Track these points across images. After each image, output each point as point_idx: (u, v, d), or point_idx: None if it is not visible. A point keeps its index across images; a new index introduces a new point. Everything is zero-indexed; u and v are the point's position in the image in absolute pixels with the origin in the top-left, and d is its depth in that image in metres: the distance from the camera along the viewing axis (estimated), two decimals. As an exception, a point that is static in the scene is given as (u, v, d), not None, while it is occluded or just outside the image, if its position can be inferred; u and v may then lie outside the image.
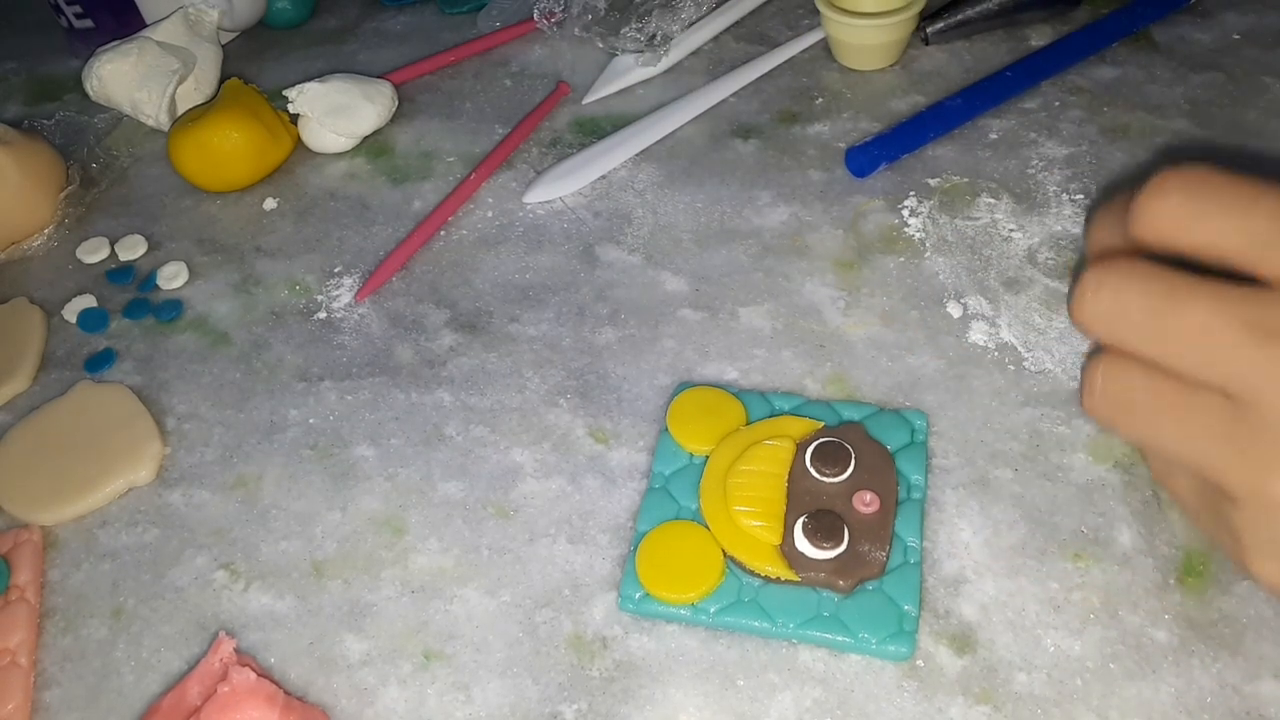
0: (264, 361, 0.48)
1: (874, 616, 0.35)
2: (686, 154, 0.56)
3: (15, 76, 0.70)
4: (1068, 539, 0.37)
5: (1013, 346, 0.44)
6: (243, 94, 0.57)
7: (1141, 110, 0.54)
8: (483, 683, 0.36)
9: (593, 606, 0.38)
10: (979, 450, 0.41)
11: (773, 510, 0.38)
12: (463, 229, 0.53)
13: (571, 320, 0.48)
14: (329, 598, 0.39)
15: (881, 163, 0.52)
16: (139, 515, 0.43)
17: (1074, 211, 0.49)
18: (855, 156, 0.52)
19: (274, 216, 0.56)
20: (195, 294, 0.52)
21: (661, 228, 0.52)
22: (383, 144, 0.59)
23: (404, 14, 0.69)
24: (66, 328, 0.52)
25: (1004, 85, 0.55)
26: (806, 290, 0.48)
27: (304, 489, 0.43)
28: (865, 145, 0.52)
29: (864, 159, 0.51)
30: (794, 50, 0.60)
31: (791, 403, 0.42)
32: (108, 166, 0.61)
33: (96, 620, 0.40)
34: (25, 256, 0.56)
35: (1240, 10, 0.59)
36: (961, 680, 0.35)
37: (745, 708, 0.35)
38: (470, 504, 0.42)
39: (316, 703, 0.36)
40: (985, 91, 0.54)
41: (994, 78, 0.55)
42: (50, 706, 0.38)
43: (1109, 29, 0.57)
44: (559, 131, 0.58)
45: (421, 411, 0.45)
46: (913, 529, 0.38)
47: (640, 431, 0.43)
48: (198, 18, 0.64)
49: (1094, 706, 0.33)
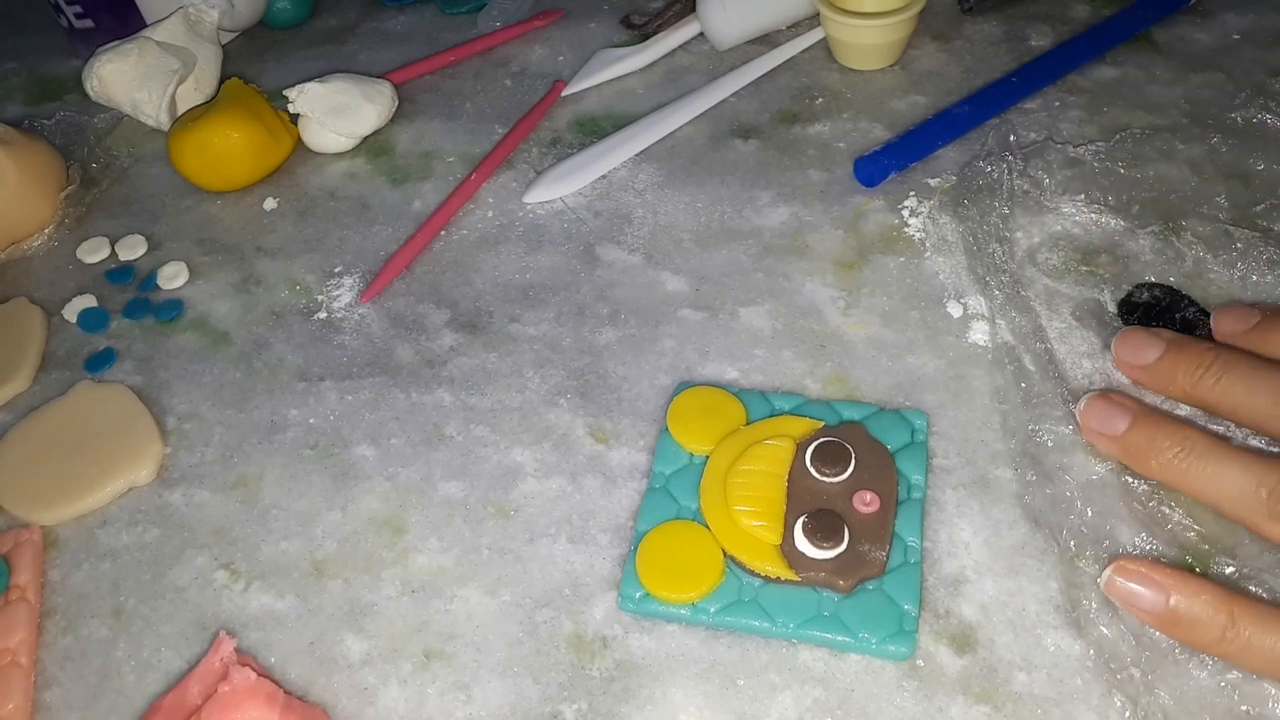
0: (264, 361, 0.48)
1: (874, 616, 0.35)
2: (686, 154, 0.56)
3: (15, 76, 0.70)
4: (1068, 539, 0.37)
5: (1013, 346, 0.44)
6: (243, 94, 0.57)
7: (1141, 110, 0.54)
8: (483, 682, 0.36)
9: (593, 606, 0.38)
10: (979, 450, 0.41)
11: (773, 510, 0.38)
12: (463, 229, 0.53)
13: (572, 320, 0.48)
14: (329, 597, 0.39)
15: (891, 172, 0.51)
16: (139, 515, 0.43)
17: (1074, 211, 0.49)
18: (864, 166, 0.51)
19: (274, 216, 0.56)
20: (195, 294, 0.52)
21: (662, 228, 0.52)
22: (383, 144, 0.59)
23: (404, 14, 0.69)
24: (67, 328, 0.52)
25: (1010, 91, 0.55)
26: (807, 290, 0.48)
27: (304, 489, 0.43)
28: (874, 155, 0.52)
29: (873, 168, 0.51)
30: (794, 50, 0.60)
31: (791, 402, 0.42)
32: (108, 166, 0.61)
33: (97, 620, 0.40)
34: (25, 256, 0.56)
35: (1240, 10, 0.59)
36: (961, 680, 0.35)
37: (745, 708, 0.35)
38: (470, 504, 0.42)
39: (317, 702, 0.36)
40: (991, 98, 0.54)
41: (999, 83, 0.55)
42: (51, 706, 0.38)
43: (1113, 31, 0.57)
44: (559, 131, 0.58)
45: (422, 411, 0.45)
46: (913, 529, 0.38)
47: (640, 431, 0.43)
48: (198, 18, 0.64)
49: (1094, 706, 0.33)
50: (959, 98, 0.55)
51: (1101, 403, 0.39)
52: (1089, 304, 0.45)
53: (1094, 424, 0.39)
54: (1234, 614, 0.32)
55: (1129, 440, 0.37)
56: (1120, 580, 0.34)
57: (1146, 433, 0.37)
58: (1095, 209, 0.49)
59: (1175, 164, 0.50)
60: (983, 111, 0.54)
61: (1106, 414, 0.38)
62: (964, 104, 0.54)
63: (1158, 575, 0.34)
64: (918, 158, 0.52)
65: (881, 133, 0.54)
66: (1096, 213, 0.49)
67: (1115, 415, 0.38)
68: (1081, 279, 0.46)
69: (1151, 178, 0.50)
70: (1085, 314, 0.45)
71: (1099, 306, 0.45)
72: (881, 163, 0.51)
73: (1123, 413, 0.38)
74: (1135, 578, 0.34)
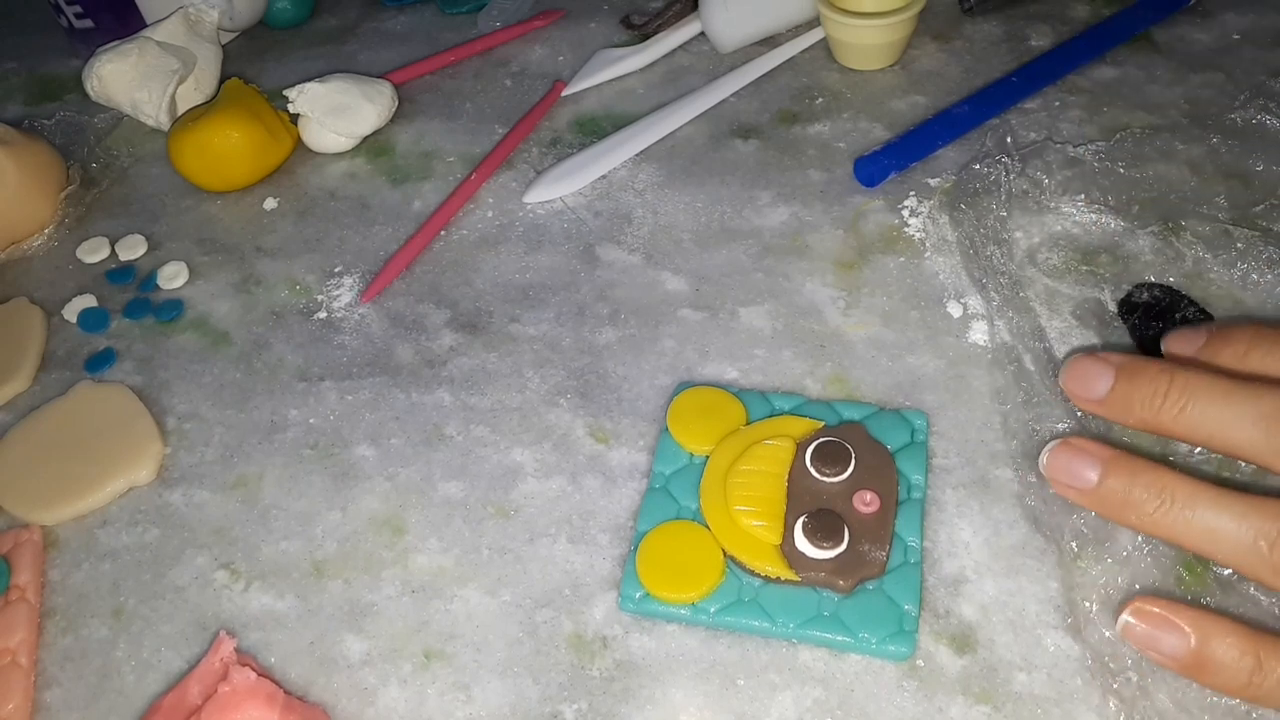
0: (264, 361, 0.48)
1: (874, 616, 0.35)
2: (686, 154, 0.56)
3: (15, 76, 0.70)
4: (1068, 539, 0.37)
5: (1012, 346, 0.44)
6: (243, 94, 0.57)
7: (1141, 110, 0.54)
8: (483, 682, 0.36)
9: (593, 606, 0.38)
10: (979, 450, 0.41)
11: (773, 510, 0.38)
12: (463, 229, 0.53)
13: (572, 320, 0.48)
14: (329, 597, 0.39)
15: (891, 172, 0.51)
16: (139, 515, 0.43)
17: (1074, 211, 0.49)
18: (864, 166, 0.51)
19: (274, 216, 0.56)
20: (195, 294, 0.52)
21: (662, 228, 0.52)
22: (383, 144, 0.59)
23: (404, 14, 0.69)
24: (67, 328, 0.52)
25: (1010, 91, 0.55)
26: (806, 290, 0.48)
27: (304, 489, 0.43)
28: (874, 155, 0.52)
29: (873, 168, 0.51)
30: (794, 50, 0.60)
31: (791, 402, 0.42)
32: (108, 166, 0.61)
33: (97, 620, 0.40)
34: (25, 256, 0.56)
35: (1240, 10, 0.59)
36: (961, 680, 0.35)
37: (745, 708, 0.35)
38: (470, 504, 0.42)
39: (317, 702, 0.36)
40: (991, 98, 0.54)
41: (1000, 83, 0.55)
42: (51, 706, 0.38)
43: (1113, 31, 0.57)
44: (559, 131, 0.58)
45: (422, 411, 0.45)
46: (913, 529, 0.38)
47: (640, 431, 0.43)
48: (198, 18, 0.64)
49: (1094, 706, 0.33)
50: (959, 98, 0.55)
51: (1066, 453, 0.34)
52: (1089, 304, 0.45)
53: (1061, 477, 0.35)
54: (1260, 655, 0.30)
55: (1102, 494, 0.34)
56: (1138, 624, 0.32)
57: (1120, 483, 0.33)
58: (1095, 209, 0.49)
59: (1175, 164, 0.50)
60: (983, 111, 0.54)
61: (1073, 466, 0.34)
62: (964, 104, 0.54)
63: (1178, 617, 0.31)
64: (918, 158, 0.52)
65: (881, 133, 0.54)
66: (1096, 213, 0.49)
67: (1082, 466, 0.34)
68: (1081, 279, 0.46)
69: (1151, 178, 0.50)
70: (1085, 314, 0.45)
71: (1099, 306, 0.45)
72: (881, 163, 0.51)
73: (1091, 462, 0.34)
74: (1154, 621, 0.32)
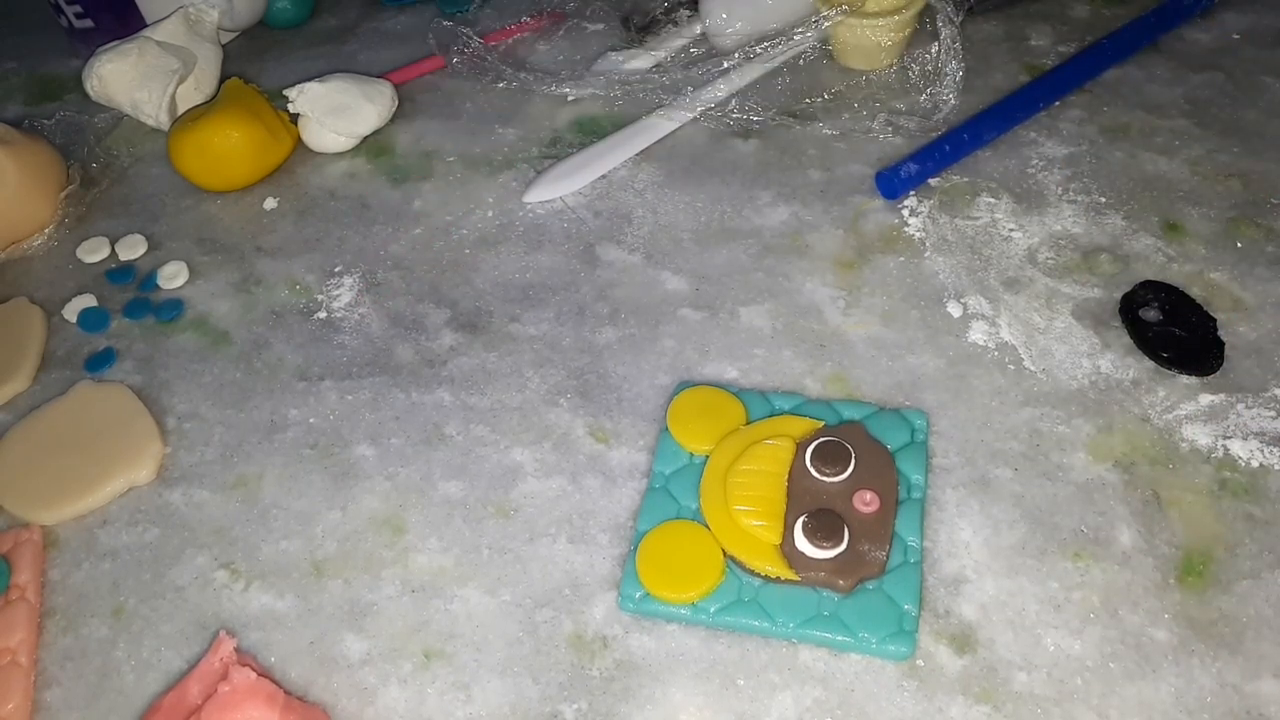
0: (264, 361, 0.48)
1: (874, 616, 0.35)
2: (686, 154, 0.56)
3: (15, 76, 0.70)
4: (1068, 539, 0.38)
5: (1012, 346, 0.44)
6: (243, 94, 0.57)
7: (1141, 110, 0.54)
8: (483, 682, 0.36)
9: (593, 606, 0.38)
10: (979, 450, 0.41)
11: (773, 510, 0.38)
12: (463, 229, 0.53)
13: (572, 320, 0.48)
14: (329, 597, 0.39)
15: (911, 186, 0.51)
16: (139, 515, 0.43)
17: (1074, 211, 0.49)
18: (886, 180, 0.51)
19: (274, 216, 0.56)
20: (195, 293, 0.52)
21: (662, 227, 0.52)
22: (383, 144, 0.59)
23: (404, 14, 0.69)
24: (67, 327, 0.52)
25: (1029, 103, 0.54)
26: (806, 290, 0.48)
27: (304, 488, 0.43)
28: (896, 168, 0.51)
29: (895, 182, 0.51)
30: (794, 50, 0.60)
31: (791, 402, 0.42)
32: (108, 166, 0.61)
33: (97, 620, 0.40)
34: (25, 256, 0.56)
35: (1240, 10, 0.59)
36: (961, 680, 0.35)
37: (745, 707, 0.35)
38: (470, 503, 0.42)
39: (317, 702, 0.36)
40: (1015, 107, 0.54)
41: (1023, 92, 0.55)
42: (51, 706, 0.38)
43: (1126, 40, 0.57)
44: (559, 131, 0.58)
45: (422, 411, 0.45)
46: (913, 528, 0.38)
47: (640, 431, 0.43)
48: (198, 18, 0.64)
49: (1094, 706, 0.33)
50: (959, 97, 0.55)
51: None
52: (1089, 304, 0.45)
53: None
54: None
55: None
56: None
57: None
58: (1095, 209, 0.49)
59: (1175, 164, 0.50)
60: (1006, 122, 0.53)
61: None
62: (987, 116, 0.53)
63: None
64: (940, 169, 0.52)
65: (882, 133, 0.54)
66: (1096, 213, 0.49)
67: None
68: (1081, 279, 0.46)
69: (1151, 177, 0.50)
70: (1085, 314, 0.45)
71: (1099, 306, 0.45)
72: (902, 177, 0.51)
73: None
74: None
